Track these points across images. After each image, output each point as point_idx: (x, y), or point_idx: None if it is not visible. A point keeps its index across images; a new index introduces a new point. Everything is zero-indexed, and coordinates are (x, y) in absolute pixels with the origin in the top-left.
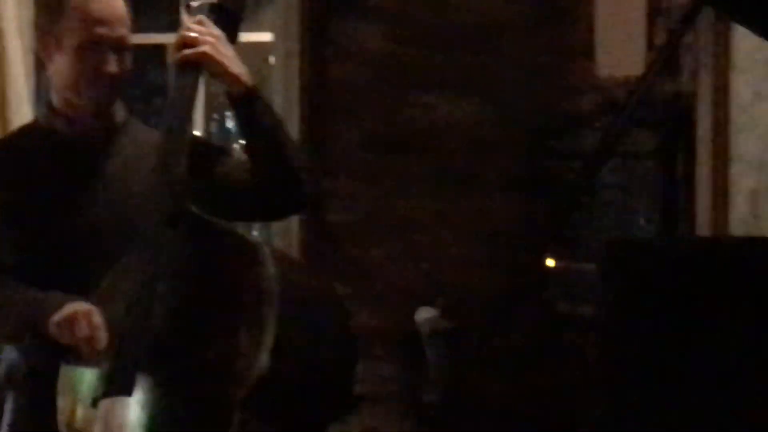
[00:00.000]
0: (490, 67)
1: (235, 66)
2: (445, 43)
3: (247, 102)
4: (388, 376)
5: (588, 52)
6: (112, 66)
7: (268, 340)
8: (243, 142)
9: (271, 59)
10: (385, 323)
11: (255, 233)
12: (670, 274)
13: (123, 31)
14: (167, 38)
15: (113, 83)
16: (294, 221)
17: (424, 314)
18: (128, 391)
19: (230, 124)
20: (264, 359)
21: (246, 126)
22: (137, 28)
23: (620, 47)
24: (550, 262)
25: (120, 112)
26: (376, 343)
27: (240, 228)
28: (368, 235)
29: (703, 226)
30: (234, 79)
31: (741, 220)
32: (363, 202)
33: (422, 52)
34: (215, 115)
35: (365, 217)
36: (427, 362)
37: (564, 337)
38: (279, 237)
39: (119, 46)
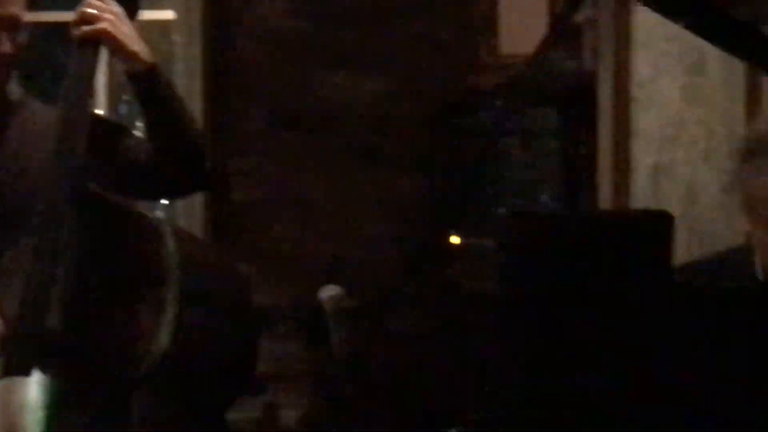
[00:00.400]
0: (393, 44)
1: (135, 43)
2: (348, 20)
3: (146, 80)
4: (293, 355)
5: (491, 29)
6: (4, 45)
7: (169, 319)
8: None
9: (174, 37)
10: (290, 301)
11: (159, 213)
12: (570, 248)
13: (14, 9)
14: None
15: (6, 62)
16: (199, 200)
17: (328, 292)
18: (26, 371)
19: None
20: (165, 338)
21: (146, 104)
22: (42, 5)
23: (522, 24)
24: (455, 239)
25: (15, 90)
26: (280, 322)
27: (143, 207)
28: (273, 213)
29: (605, 201)
30: (133, 56)
31: (642, 195)
32: (267, 180)
33: (326, 30)
34: (125, 96)
35: (270, 195)
36: (331, 340)
37: (468, 314)
38: (184, 216)
39: (11, 25)
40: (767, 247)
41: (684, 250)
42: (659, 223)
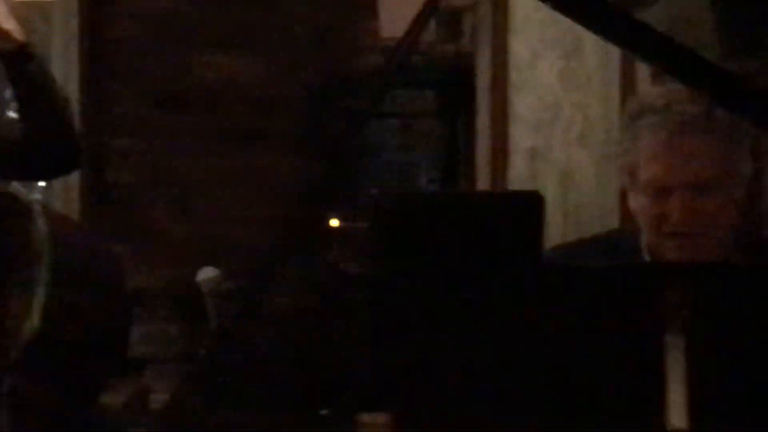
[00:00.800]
0: (274, 25)
1: (7, 22)
2: (229, 0)
3: (18, 59)
4: (172, 337)
5: (371, 11)
6: None
7: (40, 301)
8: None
9: (53, 18)
10: (167, 284)
11: (37, 195)
12: (439, 228)
13: None
14: None
15: None
16: (75, 181)
17: (206, 274)
18: None
19: None
20: (35, 320)
21: (17, 83)
22: None
23: (404, 8)
24: (334, 222)
25: None
26: (158, 304)
27: (16, 188)
28: (151, 195)
29: (483, 184)
30: (5, 35)
31: (519, 179)
32: (146, 161)
33: (206, 10)
34: None
35: (149, 177)
36: (209, 323)
37: (347, 296)
38: (61, 198)
39: None
40: (652, 219)
41: (559, 232)
42: (530, 204)
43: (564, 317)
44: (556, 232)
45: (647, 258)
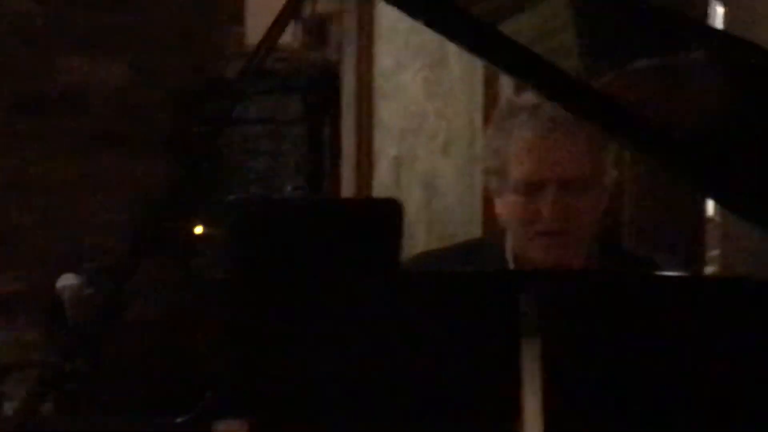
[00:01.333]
0: (137, 29)
1: None
2: (91, 4)
3: None
4: (32, 344)
5: (238, 17)
6: None
7: None
8: None
9: None
10: (28, 290)
11: None
12: (296, 234)
13: None
14: None
15: None
16: None
17: (66, 281)
18: None
19: None
20: None
21: None
22: None
23: (270, 15)
24: (199, 228)
25: None
26: (19, 310)
27: None
28: (10, 198)
29: (348, 191)
30: None
31: (384, 186)
32: (5, 165)
33: (68, 14)
34: None
35: (8, 180)
36: (69, 329)
37: (208, 303)
38: None
39: None
40: (522, 217)
41: (424, 240)
42: (388, 211)
43: (422, 323)
44: (420, 239)
45: (511, 264)
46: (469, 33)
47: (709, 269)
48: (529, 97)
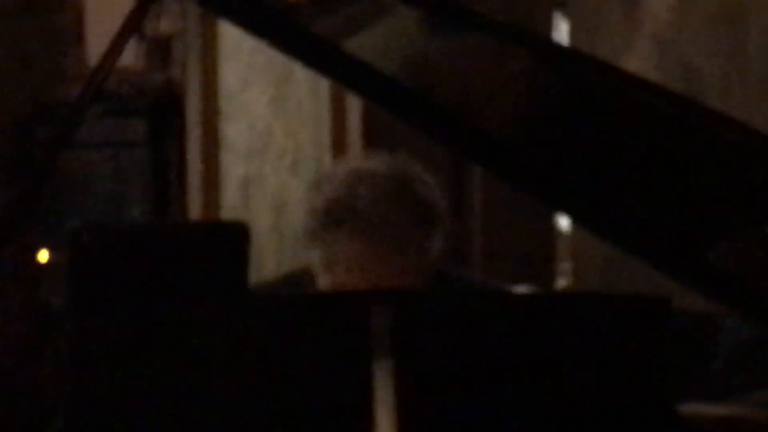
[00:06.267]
0: None
1: None
2: None
3: None
4: None
5: (79, 40)
6: None
7: None
8: None
9: None
10: None
11: None
12: (140, 260)
13: None
14: None
15: None
16: None
17: None
18: None
19: None
20: None
21: None
22: None
23: (110, 37)
24: (44, 255)
25: None
26: None
27: None
28: None
29: (195, 214)
30: None
31: (232, 207)
32: None
33: None
34: None
35: None
36: None
37: (52, 331)
38: None
39: None
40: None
41: (274, 260)
42: (235, 234)
43: (271, 347)
44: (270, 260)
45: None
46: (311, 51)
47: (561, 282)
48: (358, 197)
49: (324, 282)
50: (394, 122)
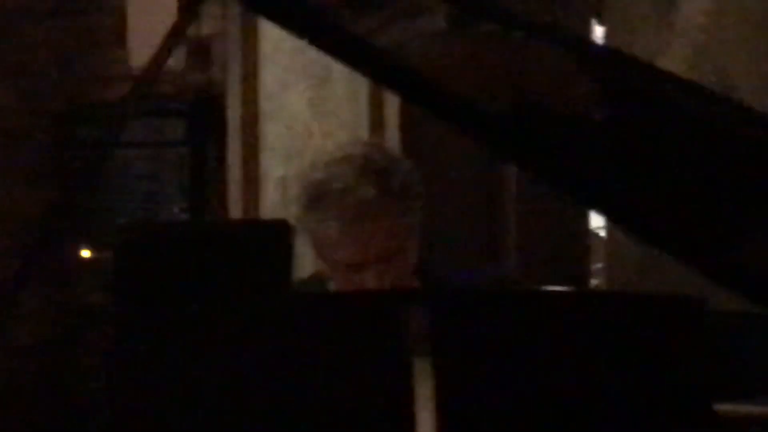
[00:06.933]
0: (14, 55)
1: None
2: None
3: None
4: None
5: (119, 41)
6: None
7: None
8: None
9: None
10: None
11: None
12: (187, 257)
13: None
14: None
15: None
16: None
17: None
18: None
19: None
20: None
21: None
22: None
23: (152, 37)
24: (84, 253)
25: None
26: None
27: None
28: None
29: (234, 213)
30: None
31: (272, 208)
32: None
33: None
34: None
35: None
36: None
37: (96, 329)
38: None
39: None
40: (345, 283)
41: (312, 261)
42: (278, 232)
43: (311, 345)
44: (308, 260)
45: None
46: (351, 51)
47: (595, 282)
48: (334, 177)
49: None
50: (432, 124)
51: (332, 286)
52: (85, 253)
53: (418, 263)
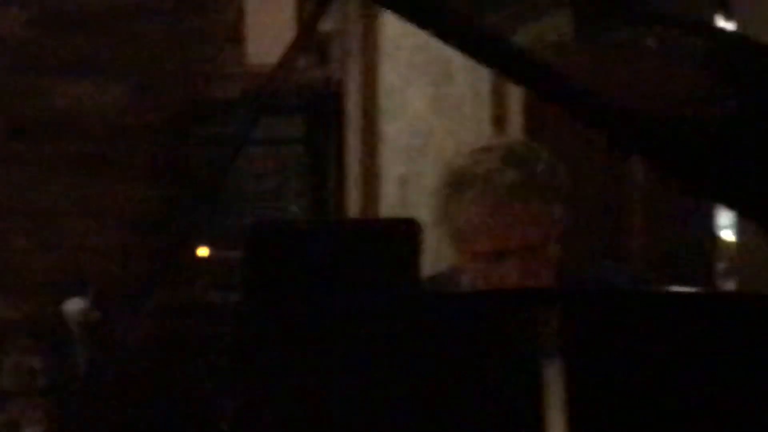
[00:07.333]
0: (133, 52)
1: None
2: (86, 27)
3: None
4: (35, 369)
5: (237, 37)
6: None
7: None
8: None
9: None
10: (29, 315)
11: None
12: (317, 256)
13: None
14: None
15: None
16: None
17: (74, 305)
18: None
19: None
20: None
21: None
22: None
23: (270, 34)
24: (202, 251)
25: None
26: (20, 336)
27: None
28: (8, 223)
29: (353, 211)
30: None
31: (391, 206)
32: (2, 190)
33: (63, 38)
34: None
35: (4, 205)
36: (76, 354)
37: (214, 327)
38: None
39: None
40: (476, 275)
41: (431, 260)
42: (407, 231)
43: (441, 345)
44: (428, 259)
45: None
46: (479, 44)
47: (721, 284)
48: (476, 163)
49: (462, 261)
50: (557, 121)
51: (466, 281)
52: (203, 252)
53: (559, 261)
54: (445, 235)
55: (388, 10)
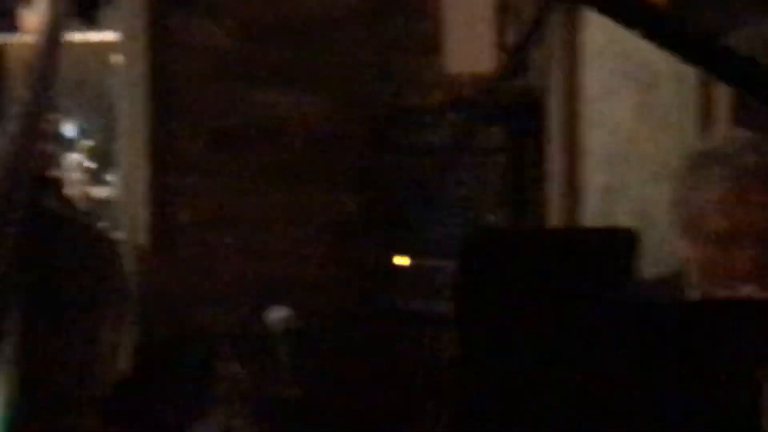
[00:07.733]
0: (333, 62)
1: None
2: (287, 38)
3: None
4: (240, 377)
5: (434, 47)
6: None
7: (128, 339)
8: None
9: (114, 58)
10: (232, 322)
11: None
12: (533, 265)
13: None
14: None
15: None
16: (139, 219)
17: (277, 313)
18: None
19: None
20: (124, 358)
21: None
22: None
23: (469, 44)
24: (402, 260)
25: None
26: (224, 343)
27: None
28: (213, 232)
29: (554, 221)
30: None
31: (593, 216)
32: (207, 199)
33: (264, 48)
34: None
35: (210, 214)
36: (280, 361)
37: (416, 335)
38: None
39: None
40: (712, 266)
41: (638, 270)
42: (622, 241)
43: (658, 354)
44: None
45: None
46: (689, 45)
47: None
48: (723, 144)
49: (685, 249)
50: (765, 128)
51: (693, 277)
52: (401, 260)
53: None
54: (676, 224)
55: (595, 12)
